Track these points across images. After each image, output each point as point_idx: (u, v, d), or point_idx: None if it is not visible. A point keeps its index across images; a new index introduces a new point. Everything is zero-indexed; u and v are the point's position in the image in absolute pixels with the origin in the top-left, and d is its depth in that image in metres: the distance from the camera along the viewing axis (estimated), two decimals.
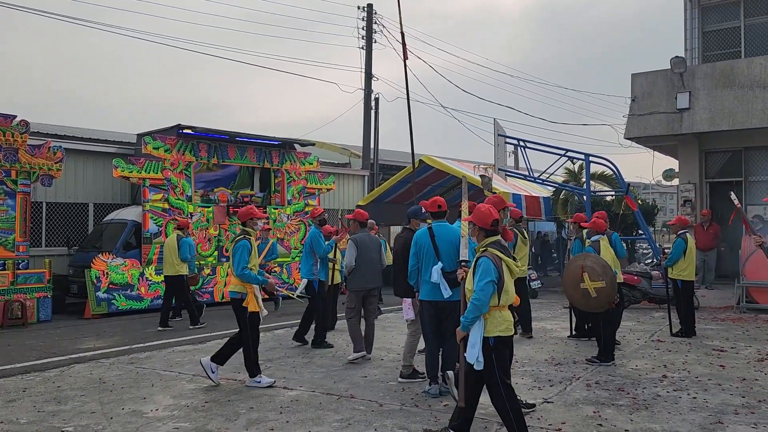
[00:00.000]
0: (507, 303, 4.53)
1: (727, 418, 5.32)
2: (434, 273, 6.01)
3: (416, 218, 6.90)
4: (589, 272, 7.13)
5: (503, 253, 4.56)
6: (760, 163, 14.91)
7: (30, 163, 11.60)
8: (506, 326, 4.50)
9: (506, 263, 4.54)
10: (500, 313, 4.50)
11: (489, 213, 4.64)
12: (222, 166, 14.78)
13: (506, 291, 4.51)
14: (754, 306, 11.88)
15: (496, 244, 4.59)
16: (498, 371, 4.46)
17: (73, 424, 5.36)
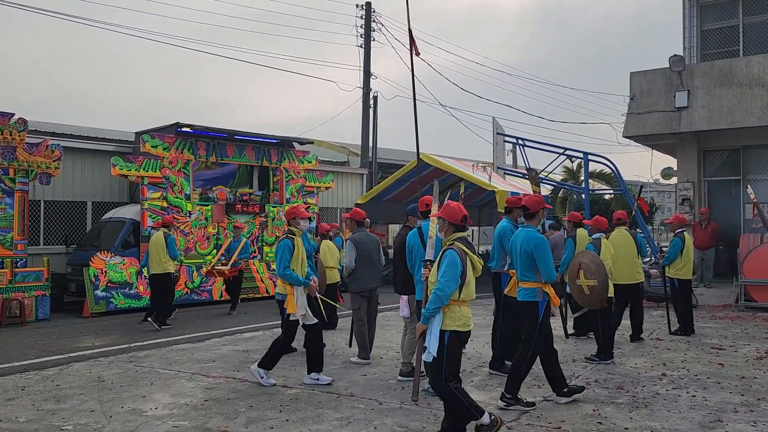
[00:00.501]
0: (467, 298, 4.59)
1: (726, 416, 5.33)
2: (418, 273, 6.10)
3: (414, 216, 6.90)
4: (585, 270, 7.15)
5: (471, 250, 4.64)
6: (758, 161, 14.92)
7: (28, 161, 11.57)
8: (464, 321, 4.56)
9: (471, 259, 4.60)
10: (459, 308, 4.57)
11: (459, 209, 4.74)
12: (220, 165, 14.76)
13: (468, 286, 4.57)
14: (752, 304, 11.90)
15: (462, 240, 4.67)
16: (445, 366, 4.51)
17: (72, 423, 5.36)
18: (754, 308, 11.79)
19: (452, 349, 4.55)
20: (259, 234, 14.87)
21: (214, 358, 7.93)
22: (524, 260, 5.64)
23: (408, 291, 6.69)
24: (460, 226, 4.73)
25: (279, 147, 15.53)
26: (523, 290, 5.69)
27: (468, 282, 4.57)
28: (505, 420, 5.26)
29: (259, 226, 14.86)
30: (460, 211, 4.73)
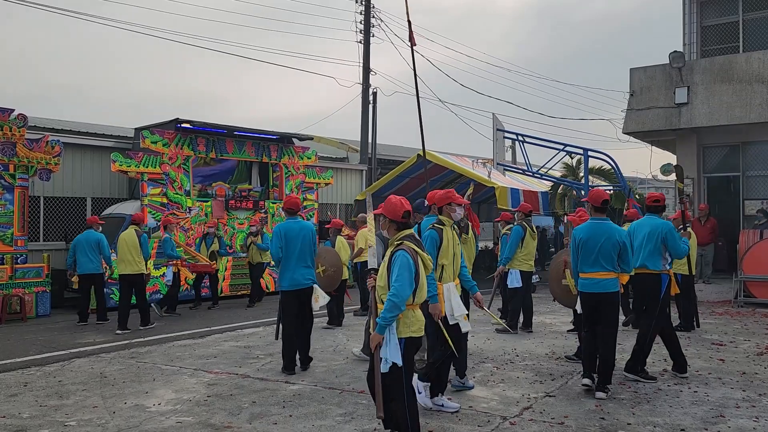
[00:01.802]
0: (420, 301, 4.31)
1: (728, 412, 5.35)
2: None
3: (419, 213, 6.87)
4: (570, 269, 6.79)
5: (419, 247, 4.33)
6: (758, 157, 14.94)
7: (28, 157, 11.55)
8: (418, 327, 4.27)
9: (422, 258, 4.30)
10: (413, 312, 4.26)
11: (400, 204, 4.38)
12: (219, 161, 14.74)
13: (421, 288, 4.28)
14: (751, 300, 11.94)
15: (410, 238, 4.34)
16: (405, 375, 4.22)
17: (75, 419, 5.36)
18: (754, 304, 11.83)
19: (408, 358, 4.24)
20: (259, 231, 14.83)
21: (215, 354, 7.94)
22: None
23: None
24: (402, 222, 4.37)
25: (279, 143, 15.51)
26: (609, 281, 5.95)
27: (421, 283, 4.26)
28: (507, 416, 5.29)
29: (259, 222, 14.83)
30: (402, 206, 4.37)
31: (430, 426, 5.05)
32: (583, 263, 6.02)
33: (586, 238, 6.01)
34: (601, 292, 5.92)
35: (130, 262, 9.89)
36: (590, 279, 5.97)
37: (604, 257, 5.90)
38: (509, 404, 5.63)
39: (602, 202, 6.04)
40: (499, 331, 9.26)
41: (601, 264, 5.90)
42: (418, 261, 4.24)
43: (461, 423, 5.12)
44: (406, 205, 4.39)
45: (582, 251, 6.03)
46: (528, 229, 9.44)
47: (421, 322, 4.30)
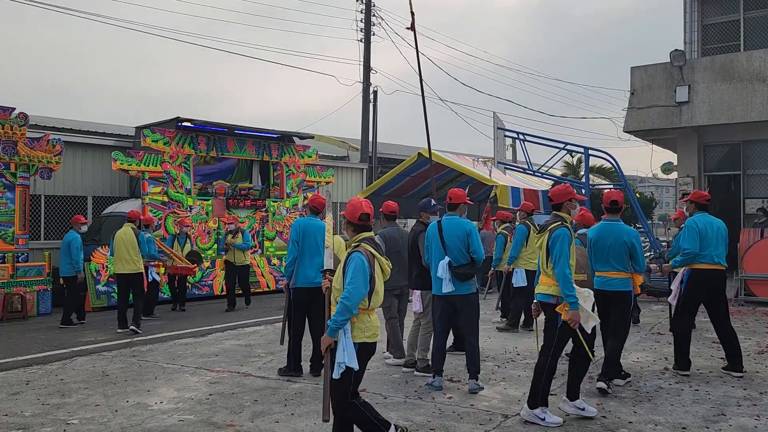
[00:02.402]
0: (376, 305, 4.19)
1: (729, 410, 5.36)
2: (440, 267, 6.02)
3: (426, 211, 6.88)
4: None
5: (378, 252, 4.20)
6: (758, 156, 14.95)
7: (29, 155, 11.56)
8: (373, 332, 4.14)
9: (379, 262, 4.18)
10: (368, 317, 4.14)
11: (359, 206, 4.24)
12: (220, 159, 14.76)
13: (377, 292, 4.16)
14: (752, 299, 11.94)
15: (369, 240, 4.21)
16: (354, 380, 4.10)
17: (78, 417, 5.37)
18: (754, 303, 11.83)
19: (361, 363, 4.10)
20: (260, 229, 14.86)
21: (217, 353, 7.95)
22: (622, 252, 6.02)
23: (422, 285, 6.68)
24: (358, 225, 4.23)
25: (279, 141, 15.52)
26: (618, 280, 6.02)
27: (377, 288, 4.14)
28: (509, 414, 5.30)
29: (260, 220, 14.86)
30: (360, 208, 4.23)
31: (433, 425, 5.06)
32: (596, 262, 6.21)
33: (596, 239, 6.19)
34: (610, 290, 6.02)
35: (127, 261, 9.59)
36: (602, 278, 6.14)
37: (614, 257, 6.03)
38: (511, 402, 5.64)
39: (611, 202, 6.14)
40: (501, 329, 9.27)
41: (612, 264, 6.03)
42: (375, 264, 4.12)
43: (463, 421, 5.13)
44: (366, 207, 4.25)
45: (594, 251, 6.21)
46: (532, 228, 9.45)
47: (376, 328, 4.15)
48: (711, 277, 6.57)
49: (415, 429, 4.95)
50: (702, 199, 6.79)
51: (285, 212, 15.43)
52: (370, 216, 4.26)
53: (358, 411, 4.14)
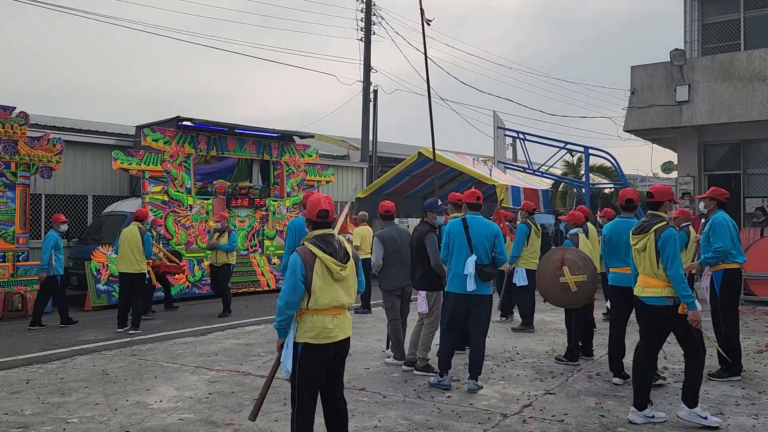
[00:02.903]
0: (321, 306, 3.97)
1: (728, 410, 5.37)
2: (469, 265, 5.97)
3: (432, 211, 6.84)
4: (570, 266, 6.85)
5: (323, 250, 3.98)
6: (758, 155, 14.95)
7: (29, 155, 11.57)
8: (316, 333, 3.95)
9: (324, 262, 3.95)
10: (311, 317, 3.97)
11: (317, 202, 4.09)
12: (220, 158, 14.78)
13: (320, 292, 3.95)
14: (752, 298, 11.94)
15: (318, 239, 4.03)
16: (298, 382, 3.98)
17: (78, 416, 5.39)
18: (754, 302, 11.84)
19: (305, 365, 3.96)
20: (260, 228, 14.88)
21: (216, 352, 7.97)
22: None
23: (428, 286, 6.66)
24: (317, 222, 4.08)
25: (279, 141, 15.54)
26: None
27: (319, 289, 3.94)
28: (507, 413, 5.32)
29: (260, 219, 14.88)
30: (319, 204, 4.07)
31: (431, 424, 5.07)
32: (611, 258, 6.34)
33: (610, 235, 6.35)
34: (627, 286, 5.94)
35: (131, 261, 9.56)
36: (616, 273, 6.26)
37: (628, 254, 5.94)
38: (509, 402, 5.65)
39: (626, 201, 6.21)
40: (516, 330, 9.24)
41: (625, 260, 6.06)
42: (315, 264, 3.94)
43: (462, 420, 5.14)
44: (325, 203, 4.07)
45: (608, 247, 6.37)
46: (533, 227, 9.46)
47: (325, 328, 3.96)
48: (740, 277, 6.72)
49: (414, 428, 4.97)
50: (722, 197, 6.76)
51: (285, 211, 15.45)
52: (330, 213, 4.09)
53: (296, 420, 4.01)
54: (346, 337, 4.10)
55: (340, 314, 4.05)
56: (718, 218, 6.59)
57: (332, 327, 4.00)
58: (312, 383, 4.02)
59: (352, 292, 4.13)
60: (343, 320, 4.08)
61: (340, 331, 4.03)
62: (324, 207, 4.06)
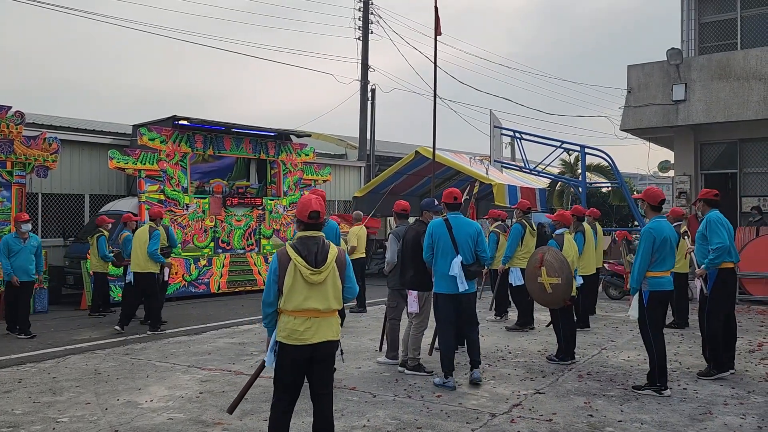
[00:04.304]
0: (291, 308, 3.99)
1: (716, 409, 5.38)
2: (455, 266, 6.01)
3: (429, 210, 6.82)
4: (547, 267, 6.88)
5: (299, 253, 3.98)
6: (755, 154, 14.95)
7: (25, 154, 11.57)
8: (287, 333, 3.98)
9: (297, 264, 3.95)
10: (285, 317, 4.02)
11: (308, 203, 4.06)
12: (218, 157, 14.78)
13: (292, 293, 3.97)
14: (746, 297, 11.95)
15: (299, 240, 4.05)
16: (274, 378, 4.08)
17: (68, 415, 5.40)
18: (749, 301, 11.85)
19: (279, 362, 4.05)
20: (257, 227, 14.89)
21: (210, 351, 7.98)
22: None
23: (419, 286, 6.65)
24: (308, 223, 4.06)
25: (276, 140, 15.54)
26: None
27: (288, 290, 3.97)
28: (496, 413, 5.33)
29: (257, 218, 14.88)
30: (309, 205, 4.05)
31: (419, 423, 5.08)
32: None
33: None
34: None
35: (138, 261, 9.38)
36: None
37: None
38: (499, 401, 5.66)
39: (659, 201, 6.16)
40: (510, 329, 9.26)
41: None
42: (288, 266, 3.96)
43: (450, 420, 5.15)
44: (316, 204, 4.04)
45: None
46: (528, 227, 9.45)
47: (296, 330, 3.97)
48: (734, 276, 6.72)
49: (402, 427, 4.99)
50: (710, 195, 6.77)
51: (282, 210, 15.46)
52: (321, 214, 4.08)
53: (271, 411, 4.17)
54: (323, 341, 4.03)
55: (316, 317, 4.01)
56: (712, 216, 6.61)
57: (303, 330, 3.98)
58: (284, 381, 4.08)
59: (329, 297, 4.05)
60: (320, 324, 4.02)
61: (314, 335, 3.99)
62: (315, 208, 4.04)
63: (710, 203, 6.73)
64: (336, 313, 4.15)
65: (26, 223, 9.38)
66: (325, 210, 4.18)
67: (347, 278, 4.16)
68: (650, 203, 6.10)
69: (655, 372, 5.87)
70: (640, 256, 5.97)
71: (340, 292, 4.13)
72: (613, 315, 10.62)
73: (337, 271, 4.08)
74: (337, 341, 4.15)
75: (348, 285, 4.17)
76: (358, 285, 4.41)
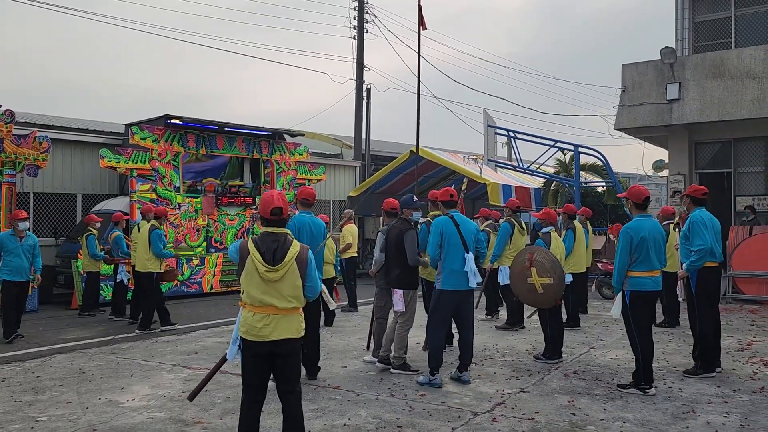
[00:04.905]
0: (249, 301, 3.99)
1: (700, 408, 5.34)
2: (470, 262, 6.05)
3: (409, 208, 6.80)
4: (538, 267, 6.83)
5: (258, 248, 3.95)
6: (749, 154, 14.92)
7: (15, 153, 11.54)
8: (246, 329, 3.97)
9: (254, 260, 3.93)
10: (245, 312, 4.01)
11: (270, 200, 4.04)
12: (212, 157, 14.74)
13: (243, 287, 4.01)
14: (740, 296, 11.92)
15: (261, 236, 4.03)
16: (241, 375, 4.09)
17: (47, 414, 5.36)
18: (742, 300, 11.82)
19: (242, 357, 4.05)
20: (250, 226, 14.85)
21: (197, 350, 7.94)
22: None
23: (406, 285, 6.60)
24: (270, 219, 4.03)
25: (270, 139, 15.50)
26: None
27: (245, 284, 3.99)
28: (478, 411, 5.29)
29: (250, 218, 14.85)
30: (272, 201, 4.02)
31: (400, 422, 5.05)
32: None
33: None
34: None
35: (139, 260, 9.39)
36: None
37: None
38: (482, 400, 5.63)
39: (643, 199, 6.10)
40: (499, 328, 9.23)
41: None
42: (248, 260, 3.95)
43: (432, 419, 5.12)
44: (278, 200, 4.03)
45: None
46: (516, 226, 9.42)
47: (250, 326, 3.96)
48: (717, 275, 6.61)
49: (383, 426, 4.95)
50: (698, 193, 6.66)
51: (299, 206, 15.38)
52: (284, 210, 4.03)
53: (241, 405, 4.14)
54: (282, 338, 3.96)
55: (275, 314, 3.96)
56: (695, 216, 6.55)
57: (260, 326, 3.95)
58: (247, 376, 4.07)
59: (287, 295, 3.98)
60: (279, 321, 3.96)
61: (272, 332, 3.95)
62: (277, 204, 4.01)
63: (696, 201, 6.64)
64: (297, 311, 4.06)
65: (23, 221, 9.05)
66: (287, 207, 4.13)
67: (308, 277, 4.05)
68: (634, 201, 6.06)
69: (640, 371, 5.83)
70: (618, 256, 5.95)
71: (299, 290, 4.03)
72: (605, 314, 10.57)
73: (297, 270, 4.00)
74: (297, 339, 4.06)
75: (308, 284, 4.06)
76: (351, 284, 4.35)
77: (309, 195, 6.46)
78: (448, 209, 6.35)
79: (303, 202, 6.45)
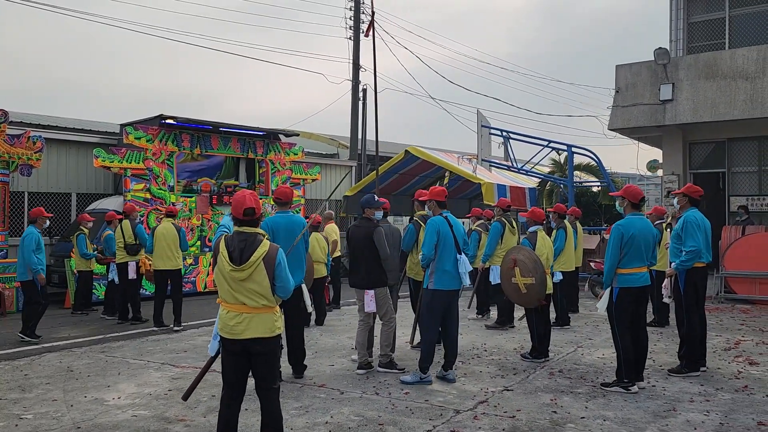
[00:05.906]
0: (222, 298, 4.05)
1: (681, 406, 5.37)
2: (466, 262, 6.14)
3: (370, 207, 6.77)
4: (521, 267, 6.87)
5: (227, 247, 3.99)
6: (742, 154, 14.96)
7: (9, 152, 11.56)
8: (222, 326, 4.03)
9: (222, 257, 3.98)
10: (221, 309, 4.06)
11: (242, 200, 4.04)
12: (207, 156, 14.77)
13: (218, 283, 4.06)
14: (732, 296, 11.94)
15: (232, 235, 4.07)
16: (222, 369, 4.11)
17: (33, 412, 5.39)
18: (734, 300, 11.84)
19: (222, 354, 4.11)
20: None
21: (186, 349, 7.97)
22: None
23: (375, 284, 6.58)
24: (243, 220, 4.03)
25: (265, 139, 15.53)
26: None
27: (218, 280, 4.05)
28: (461, 409, 5.32)
29: None
30: (244, 202, 4.03)
31: (382, 419, 5.07)
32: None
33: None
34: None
35: (168, 258, 9.41)
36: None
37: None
38: (465, 398, 5.65)
39: (639, 199, 6.15)
40: (489, 327, 9.26)
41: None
42: (219, 257, 3.99)
43: (413, 416, 5.14)
44: (250, 201, 4.04)
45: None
46: (507, 225, 9.45)
47: (225, 324, 4.00)
48: (704, 276, 6.64)
49: (364, 424, 4.97)
50: (696, 194, 6.68)
51: (270, 209, 15.43)
52: (256, 210, 4.04)
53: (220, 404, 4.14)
54: (255, 337, 3.96)
55: (248, 313, 3.97)
56: (689, 216, 6.56)
57: (233, 324, 3.97)
58: (224, 372, 4.11)
59: (255, 294, 3.97)
60: (252, 320, 3.97)
61: (245, 330, 3.96)
62: (249, 205, 4.01)
63: (692, 201, 6.65)
64: (270, 310, 4.03)
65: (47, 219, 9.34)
66: (260, 206, 4.13)
67: (277, 277, 4.01)
68: (630, 200, 6.10)
69: (622, 368, 5.86)
70: (609, 252, 5.97)
71: (268, 290, 4.00)
72: (595, 314, 10.57)
73: (264, 270, 3.97)
74: (271, 338, 4.04)
75: (278, 284, 4.03)
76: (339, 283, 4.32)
77: (281, 194, 6.36)
78: (441, 209, 6.38)
79: (276, 201, 6.41)
